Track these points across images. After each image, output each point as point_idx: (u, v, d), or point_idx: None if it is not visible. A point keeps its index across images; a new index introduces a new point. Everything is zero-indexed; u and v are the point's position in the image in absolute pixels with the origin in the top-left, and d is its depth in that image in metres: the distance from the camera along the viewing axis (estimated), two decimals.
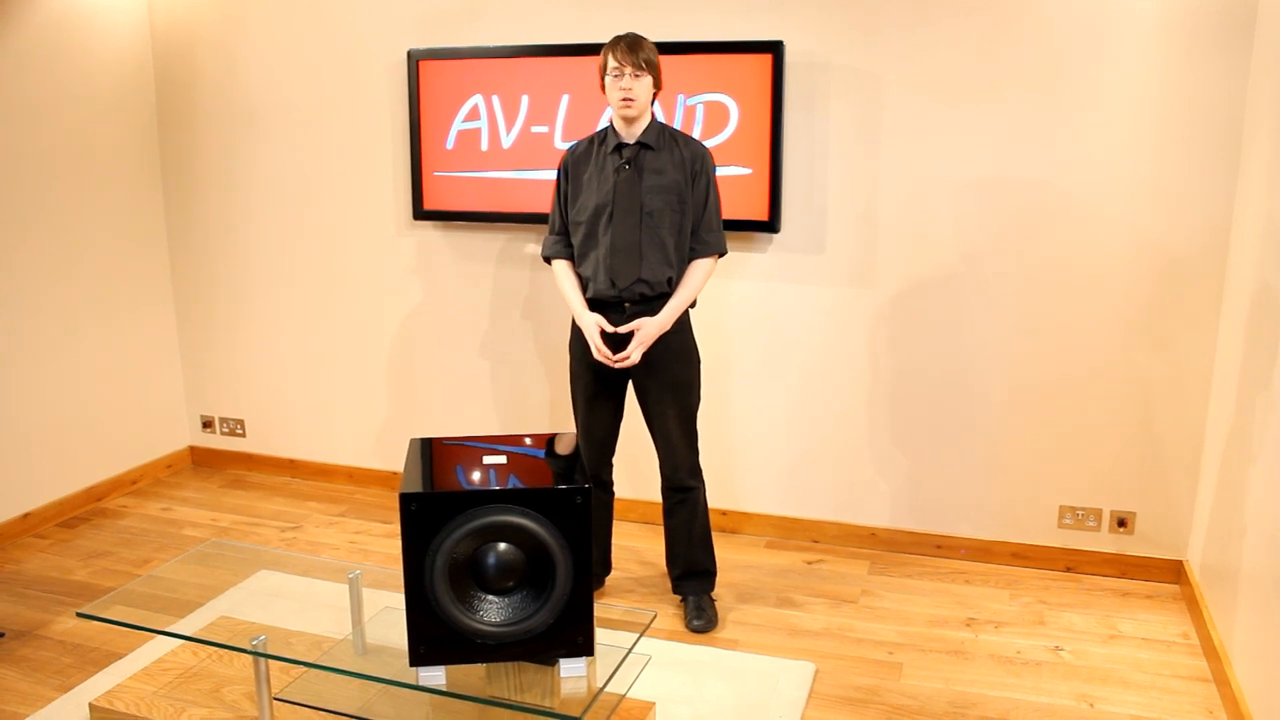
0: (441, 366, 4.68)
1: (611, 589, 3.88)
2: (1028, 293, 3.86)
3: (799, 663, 3.37)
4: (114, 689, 3.02)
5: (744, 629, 3.61)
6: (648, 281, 3.35)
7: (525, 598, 2.45)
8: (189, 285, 5.04)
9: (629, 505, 4.50)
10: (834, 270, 4.05)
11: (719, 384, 4.26)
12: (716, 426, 4.29)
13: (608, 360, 3.39)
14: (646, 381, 3.48)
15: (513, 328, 4.53)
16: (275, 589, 3.67)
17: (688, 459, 3.55)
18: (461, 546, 2.42)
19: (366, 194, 4.63)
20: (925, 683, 3.28)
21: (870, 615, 3.71)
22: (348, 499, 4.81)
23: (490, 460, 2.61)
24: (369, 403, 4.87)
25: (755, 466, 4.33)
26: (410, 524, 2.39)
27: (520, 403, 4.58)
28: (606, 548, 3.80)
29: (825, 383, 4.16)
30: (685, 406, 3.50)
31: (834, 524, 4.27)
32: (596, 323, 3.39)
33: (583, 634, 2.47)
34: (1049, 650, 3.47)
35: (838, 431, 4.19)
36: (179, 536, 4.38)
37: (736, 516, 4.39)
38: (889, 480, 4.18)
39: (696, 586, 3.67)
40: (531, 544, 2.43)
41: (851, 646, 3.50)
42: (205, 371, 5.13)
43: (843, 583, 3.95)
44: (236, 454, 5.17)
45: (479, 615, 2.43)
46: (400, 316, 4.70)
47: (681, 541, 3.63)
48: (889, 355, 4.06)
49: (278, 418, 5.06)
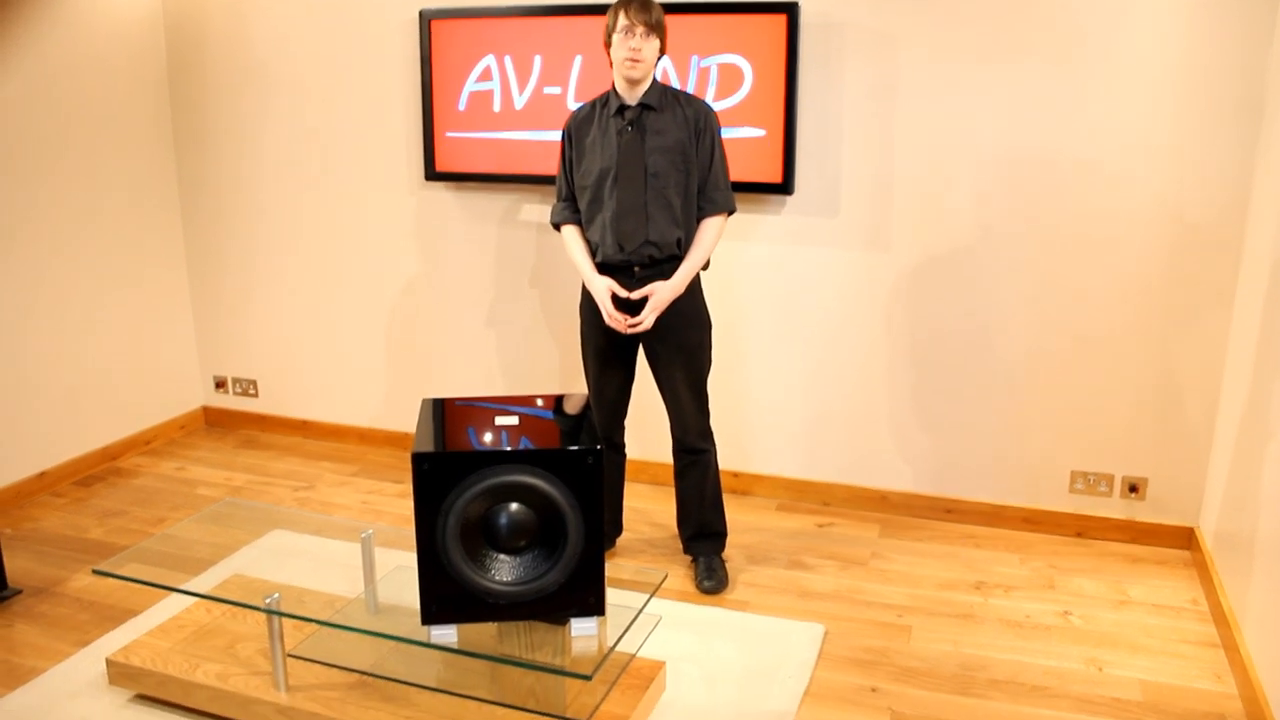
0: (453, 327, 4.69)
1: (622, 550, 3.89)
2: (1043, 258, 3.85)
3: (809, 624, 3.38)
4: (130, 645, 3.05)
5: (754, 590, 3.62)
6: (656, 243, 3.34)
7: (537, 557, 2.46)
8: (201, 245, 5.04)
9: (640, 467, 4.51)
10: (848, 234, 4.03)
11: (731, 346, 4.25)
12: (728, 389, 4.30)
13: (620, 326, 3.39)
14: (657, 345, 3.47)
15: (524, 289, 4.52)
16: (288, 548, 3.69)
17: (699, 422, 3.55)
18: (473, 506, 2.42)
19: (378, 155, 4.62)
20: (934, 645, 3.29)
21: (880, 578, 3.72)
22: (360, 459, 4.83)
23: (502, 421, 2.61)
24: (381, 363, 4.88)
25: (767, 429, 4.33)
26: (422, 484, 2.40)
27: (530, 364, 4.59)
28: (618, 509, 3.81)
29: (838, 346, 4.16)
30: (696, 370, 3.50)
31: (845, 487, 4.28)
32: (608, 287, 3.38)
33: (594, 594, 2.47)
34: (1058, 614, 3.48)
35: (850, 395, 4.19)
36: (193, 496, 4.41)
37: (748, 478, 4.40)
38: (901, 444, 4.18)
39: (707, 548, 3.68)
40: (543, 504, 2.44)
41: (861, 609, 3.51)
42: (218, 332, 5.14)
43: (853, 545, 3.96)
44: (249, 414, 5.19)
45: (490, 574, 2.44)
46: (412, 277, 4.70)
47: (692, 503, 3.64)
48: (903, 319, 4.05)
49: (290, 378, 5.08)
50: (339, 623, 2.76)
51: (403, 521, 4.12)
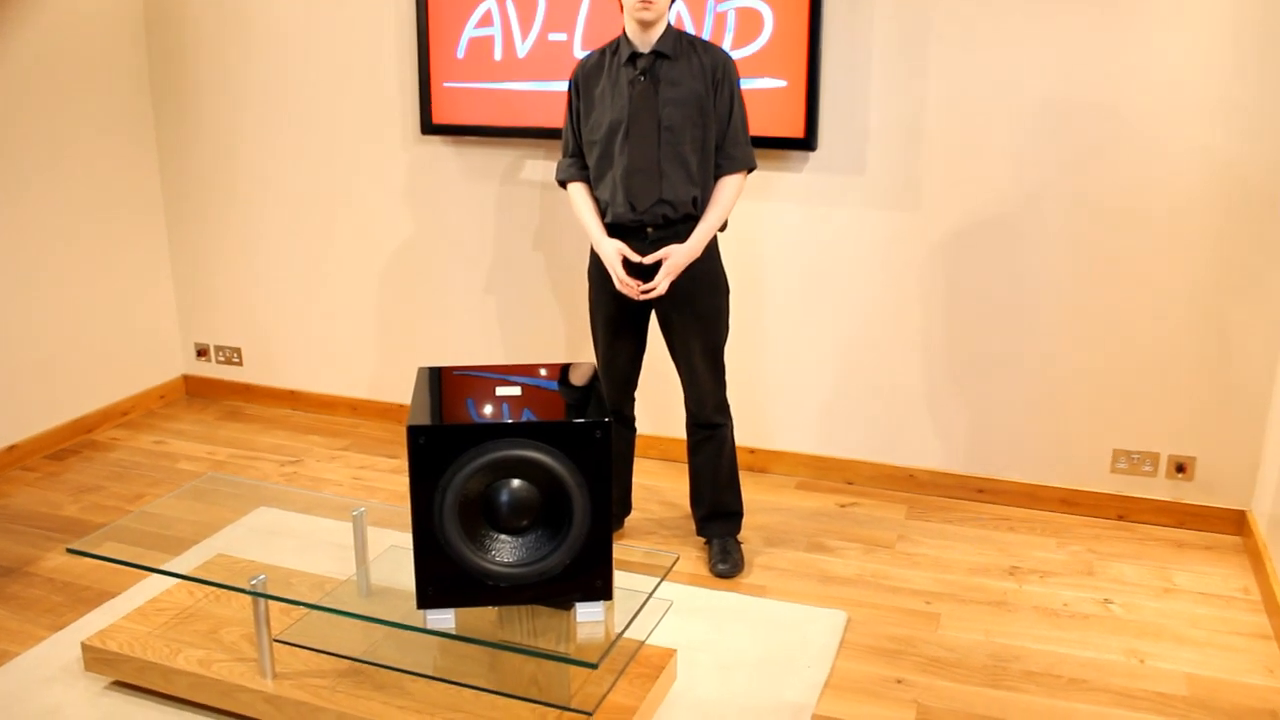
0: (452, 291, 4.68)
1: (631, 530, 3.90)
2: (1088, 221, 3.82)
3: (830, 611, 3.39)
4: (107, 629, 3.06)
5: (772, 574, 3.63)
6: (670, 203, 3.33)
7: (540, 538, 2.46)
8: (181, 205, 5.04)
9: (651, 442, 4.51)
10: (876, 193, 4.01)
11: (749, 314, 4.25)
12: (746, 360, 4.29)
13: (631, 291, 3.38)
14: (671, 312, 3.47)
15: (527, 251, 4.52)
16: (275, 526, 3.70)
17: (714, 394, 3.55)
18: (473, 483, 2.42)
19: (371, 106, 4.60)
20: (964, 634, 3.30)
21: (907, 562, 3.72)
22: (351, 432, 4.84)
23: (503, 391, 2.61)
24: (374, 330, 4.88)
25: (787, 402, 4.33)
26: (418, 458, 2.40)
27: (534, 332, 4.59)
28: (627, 486, 3.82)
29: (864, 312, 4.15)
30: (712, 339, 3.49)
31: (870, 465, 4.28)
32: (618, 250, 3.37)
33: (600, 577, 2.48)
34: (1098, 603, 3.48)
35: (876, 365, 4.18)
36: (173, 470, 4.42)
37: (765, 455, 4.40)
38: (931, 419, 4.17)
39: (722, 529, 3.69)
40: (547, 481, 2.44)
41: (886, 595, 3.51)
42: (199, 297, 5.14)
43: (878, 527, 3.96)
44: (233, 384, 5.20)
45: (491, 555, 2.45)
46: (408, 237, 4.70)
47: (707, 481, 3.64)
48: (934, 285, 4.04)
49: (277, 346, 5.08)
50: (329, 606, 2.77)
51: (397, 499, 4.13)
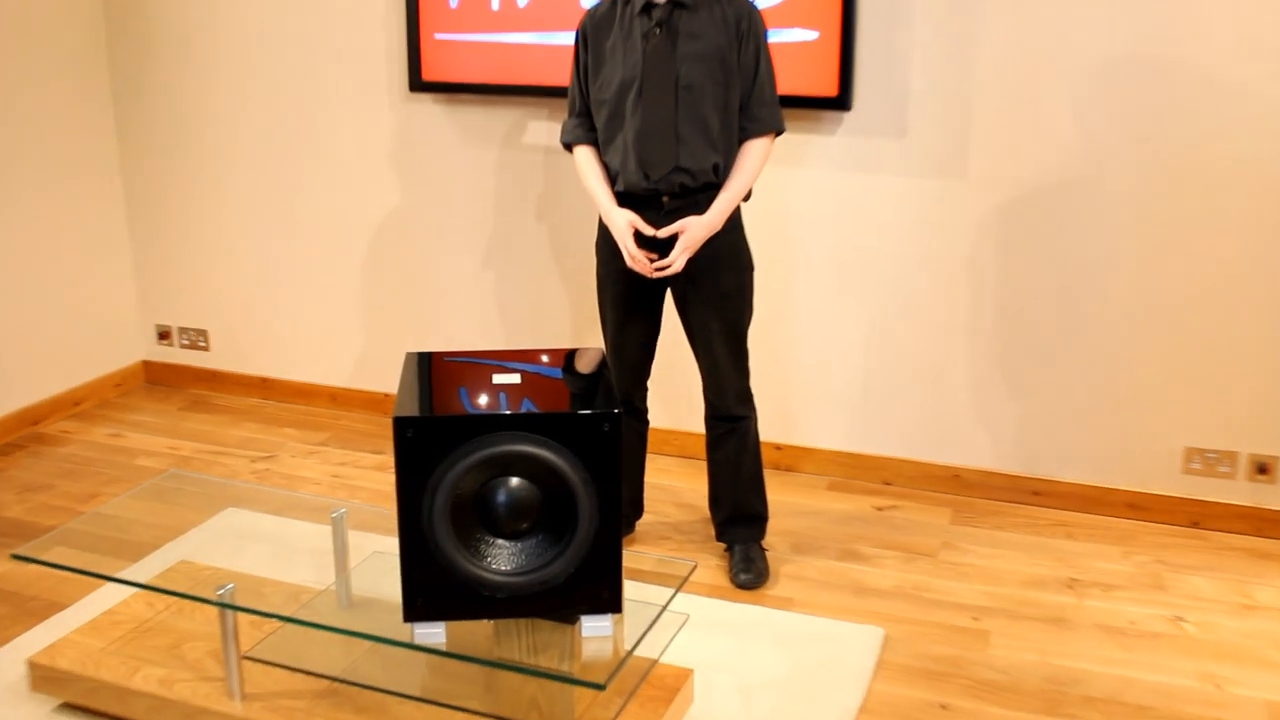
0: (444, 268, 4.69)
1: (643, 535, 3.91)
2: (1156, 192, 3.81)
3: (865, 627, 3.39)
4: (56, 644, 3.07)
5: (800, 585, 3.63)
6: (688, 170, 3.33)
7: (541, 543, 2.47)
8: (141, 170, 5.04)
9: (665, 436, 4.52)
10: (918, 158, 4.00)
11: (775, 293, 4.24)
12: (771, 345, 4.29)
13: (644, 269, 3.38)
14: (689, 292, 3.47)
15: (529, 223, 4.52)
16: (245, 530, 3.71)
17: (736, 383, 3.55)
18: (466, 481, 2.43)
19: (353, 60, 4.60)
20: (1017, 654, 3.30)
21: (952, 572, 3.72)
22: (331, 424, 4.85)
23: (501, 380, 2.62)
24: (357, 311, 4.88)
25: (817, 393, 4.32)
26: (406, 454, 2.40)
27: (536, 313, 4.59)
28: (638, 486, 3.83)
29: (904, 294, 4.14)
30: (734, 321, 3.50)
31: (911, 463, 4.28)
32: (629, 223, 3.37)
33: (608, 587, 2.49)
34: (1168, 620, 3.48)
35: (918, 352, 4.18)
36: (131, 467, 4.43)
37: (793, 452, 4.40)
38: (979, 413, 4.17)
39: (744, 534, 3.70)
40: (549, 479, 2.44)
41: (929, 609, 3.52)
42: (161, 273, 5.15)
43: (919, 533, 3.97)
44: (198, 370, 5.20)
45: (486, 563, 2.45)
46: (394, 208, 4.70)
47: (727, 480, 3.65)
48: (983, 261, 4.03)
49: (248, 328, 5.09)
50: (305, 619, 2.78)
51: (382, 499, 4.15)
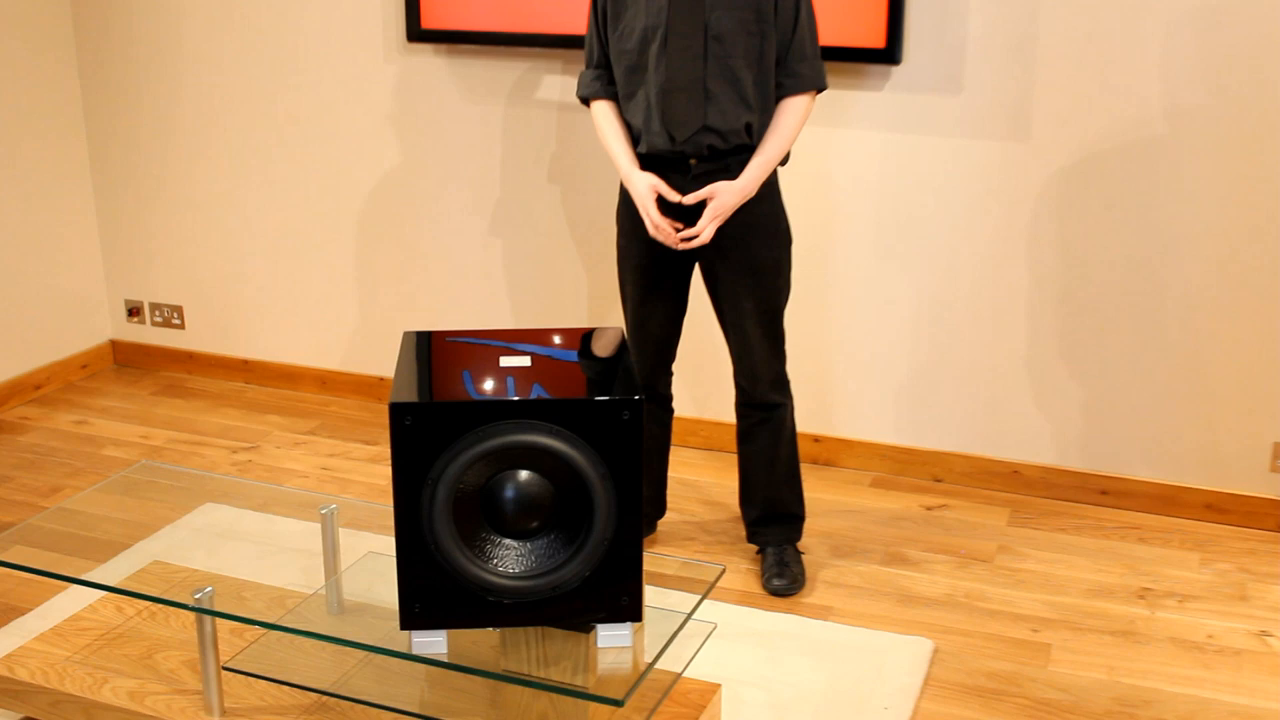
0: (445, 239, 4.69)
1: (665, 535, 3.92)
2: (1249, 157, 3.78)
3: (912, 639, 3.40)
4: (15, 652, 3.08)
5: (840, 592, 3.64)
6: (718, 131, 3.33)
7: (553, 543, 2.47)
8: (108, 130, 5.05)
9: (691, 426, 4.52)
10: (974, 118, 3.99)
11: (815, 268, 4.24)
12: (810, 325, 4.29)
13: (669, 239, 3.38)
14: (719, 265, 3.48)
15: (541, 187, 4.52)
16: (224, 527, 3.72)
17: (771, 367, 3.56)
18: (470, 475, 2.43)
19: (344, 6, 4.60)
20: (1081, 671, 3.30)
21: (1009, 579, 3.72)
22: (320, 411, 4.86)
23: (509, 362, 2.62)
24: (348, 286, 4.90)
25: (860, 379, 4.33)
26: (403, 444, 2.40)
27: (549, 288, 4.60)
28: (661, 481, 3.84)
29: (958, 269, 4.14)
30: (770, 299, 3.50)
31: (964, 457, 4.28)
32: (652, 188, 3.37)
33: (627, 592, 2.49)
34: (1252, 635, 3.47)
35: (973, 335, 4.18)
36: (98, 458, 4.45)
37: (833, 444, 4.40)
38: (1041, 402, 4.16)
39: (778, 535, 3.71)
40: (562, 473, 2.44)
41: (983, 620, 3.52)
42: (131, 243, 5.17)
43: (974, 535, 3.97)
44: (173, 351, 5.22)
45: (492, 565, 2.45)
46: (391, 171, 4.70)
47: (760, 475, 3.66)
48: (1047, 234, 4.02)
49: (227, 304, 5.10)
50: (291, 626, 2.78)
51: (376, 494, 4.16)
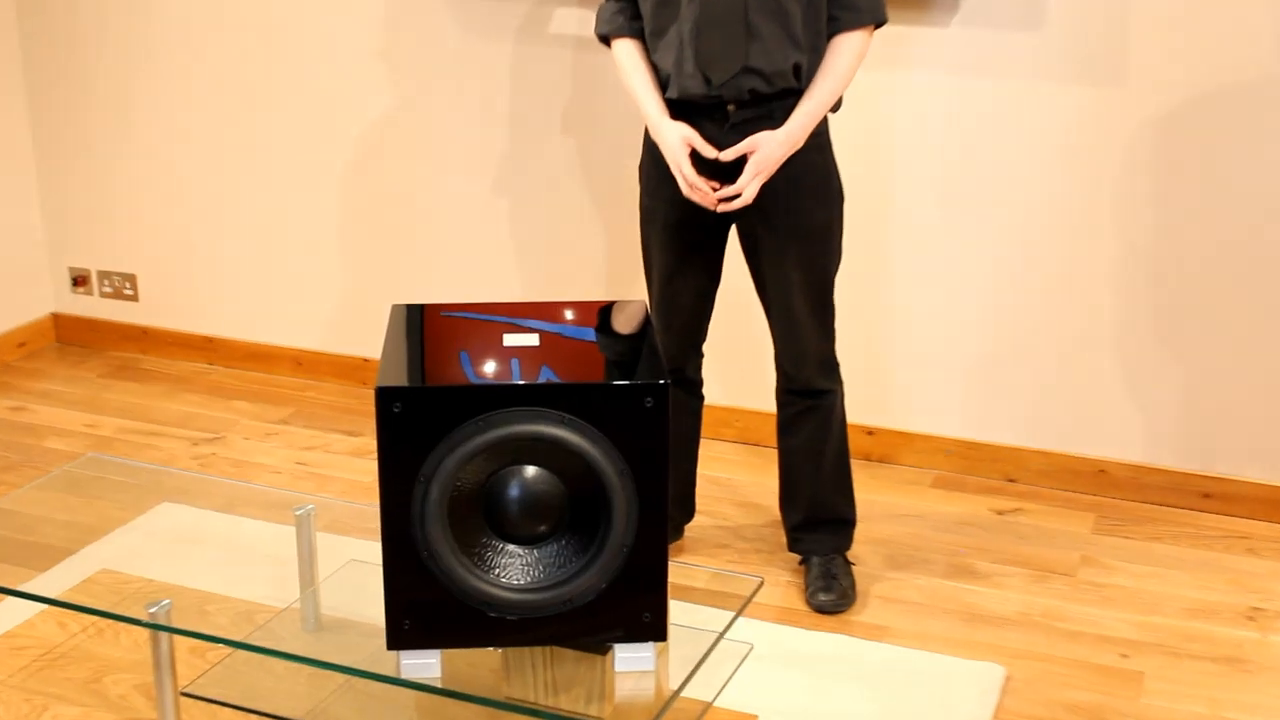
0: (442, 198, 4.70)
1: (694, 542, 3.93)
2: None
3: (980, 664, 3.40)
4: None
5: (896, 610, 3.65)
6: (761, 72, 3.32)
7: (564, 550, 2.47)
8: (51, 72, 5.06)
9: (724, 415, 4.53)
10: (1057, 57, 3.99)
11: (869, 233, 4.23)
12: (863, 299, 4.28)
13: (704, 199, 3.37)
14: (761, 229, 3.48)
15: (553, 138, 4.52)
16: (184, 530, 3.73)
17: (819, 348, 3.57)
18: (469, 471, 2.43)
19: None
20: (1179, 704, 3.30)
21: (1095, 596, 3.72)
22: (295, 397, 4.88)
23: (514, 341, 2.61)
24: (329, 253, 4.91)
25: (921, 362, 4.34)
26: (391, 434, 2.40)
27: (561, 255, 4.61)
28: (689, 479, 3.86)
29: (1036, 235, 4.13)
30: (819, 267, 3.51)
31: (1041, 454, 4.28)
32: (685, 140, 3.37)
33: (650, 608, 2.49)
34: None
35: (1052, 313, 4.17)
36: (38, 450, 4.47)
37: (889, 438, 4.42)
38: (1132, 390, 4.16)
39: (825, 542, 3.72)
40: (575, 470, 2.44)
41: (1064, 643, 3.52)
42: (76, 203, 5.18)
43: (1053, 544, 3.97)
44: (124, 326, 5.24)
45: (494, 575, 2.45)
46: (380, 120, 4.71)
47: (805, 473, 3.67)
48: (1142, 194, 4.01)
49: (188, 273, 5.11)
50: (260, 645, 2.78)
51: (360, 493, 4.18)
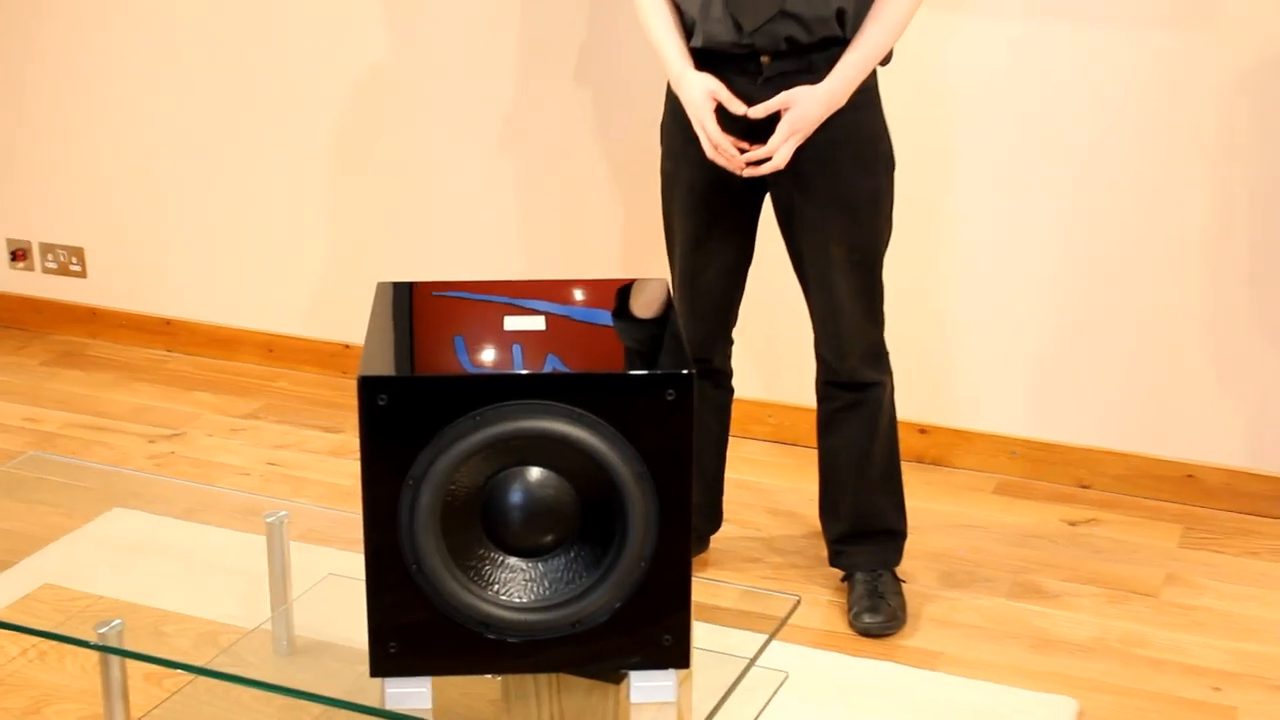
0: (433, 162, 4.72)
1: (721, 555, 3.94)
2: None
3: (1049, 698, 3.41)
4: None
5: (953, 634, 3.66)
6: (800, 18, 3.32)
7: (573, 564, 2.47)
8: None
9: (756, 410, 4.55)
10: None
11: (922, 204, 4.23)
12: (915, 279, 4.29)
13: (732, 163, 3.38)
14: (798, 198, 3.49)
15: (563, 92, 4.54)
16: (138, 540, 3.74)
17: (865, 334, 3.58)
18: (465, 473, 2.43)
19: None
20: None
21: (1182, 620, 3.72)
22: (265, 388, 4.90)
23: (516, 324, 2.61)
24: (305, 223, 4.91)
25: (983, 351, 4.34)
26: (376, 431, 2.40)
27: (570, 227, 4.62)
28: (716, 483, 3.87)
29: (1118, 205, 4.13)
30: (865, 242, 3.52)
31: (1120, 456, 4.28)
32: (711, 94, 3.37)
33: (671, 630, 2.49)
34: None
35: (1137, 294, 4.18)
36: None
37: (945, 437, 4.43)
38: (1225, 385, 4.16)
39: (871, 556, 3.73)
40: (586, 472, 2.44)
41: (1146, 673, 3.52)
42: (15, 167, 5.20)
43: (1133, 560, 3.97)
44: (70, 307, 5.27)
45: (492, 591, 2.45)
46: (365, 71, 4.73)
47: (848, 477, 3.68)
48: (1237, 157, 4.02)
49: (143, 246, 5.13)
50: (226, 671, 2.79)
51: (339, 498, 4.19)
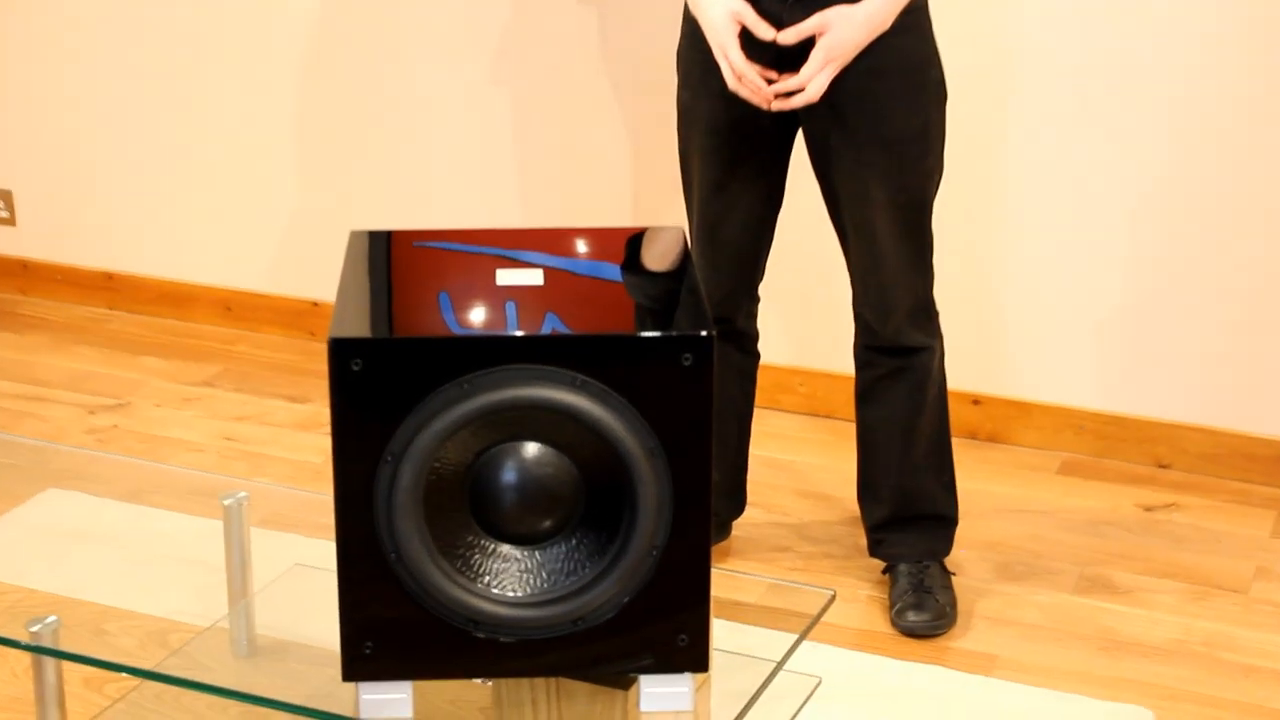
0: (412, 97, 4.73)
1: (745, 543, 3.96)
2: None
3: (1121, 707, 3.41)
4: None
5: (1010, 634, 3.67)
6: None
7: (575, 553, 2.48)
8: None
9: (785, 378, 4.58)
10: None
11: (979, 146, 4.25)
12: (968, 230, 4.31)
13: (757, 96, 3.40)
14: (835, 135, 3.51)
15: (567, 20, 4.55)
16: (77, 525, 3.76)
17: (911, 292, 3.60)
18: (452, 449, 2.44)
19: None
20: None
21: (1274, 620, 3.73)
22: (222, 352, 4.92)
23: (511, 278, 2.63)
24: (268, 165, 4.93)
25: (1045, 313, 4.36)
26: (349, 401, 2.41)
27: (573, 169, 4.64)
28: (739, 461, 3.89)
29: (1201, 151, 4.14)
30: (911, 186, 3.54)
31: (1203, 432, 4.30)
32: (734, 17, 3.38)
33: (687, 629, 2.50)
34: None
35: (1222, 251, 4.19)
36: None
37: (1001, 409, 4.45)
38: None
39: (917, 545, 3.75)
40: (590, 448, 2.45)
41: (1232, 680, 3.53)
42: None
43: (1218, 551, 3.98)
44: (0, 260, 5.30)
45: (483, 584, 2.47)
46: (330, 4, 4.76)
47: (891, 455, 3.70)
48: None
49: (80, 189, 5.14)
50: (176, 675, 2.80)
51: (307, 477, 4.22)
